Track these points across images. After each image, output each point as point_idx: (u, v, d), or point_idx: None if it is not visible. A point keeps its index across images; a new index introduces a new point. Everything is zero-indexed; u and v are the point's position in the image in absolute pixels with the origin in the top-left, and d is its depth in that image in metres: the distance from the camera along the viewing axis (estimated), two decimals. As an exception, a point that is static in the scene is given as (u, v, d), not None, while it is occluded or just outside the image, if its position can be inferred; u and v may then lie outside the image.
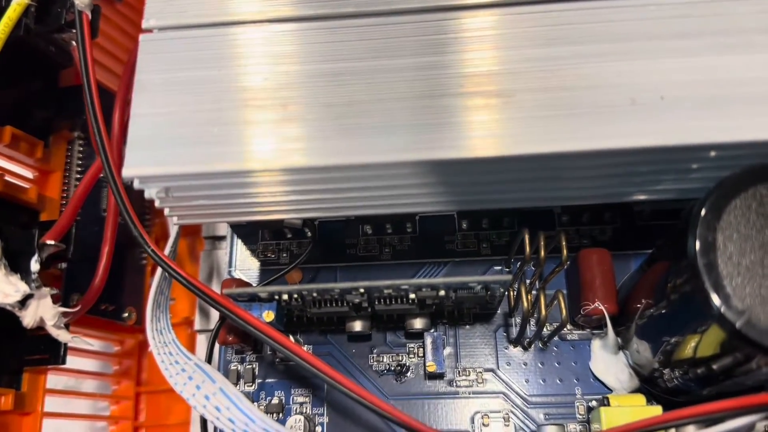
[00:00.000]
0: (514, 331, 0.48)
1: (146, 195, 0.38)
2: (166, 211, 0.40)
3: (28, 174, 0.53)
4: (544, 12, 0.37)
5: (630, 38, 0.36)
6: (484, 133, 0.35)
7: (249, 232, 0.53)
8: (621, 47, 0.36)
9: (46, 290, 0.41)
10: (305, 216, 0.42)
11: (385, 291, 0.42)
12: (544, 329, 0.46)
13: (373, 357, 0.49)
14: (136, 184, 0.37)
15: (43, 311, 0.41)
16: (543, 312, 0.42)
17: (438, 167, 0.36)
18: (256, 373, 0.49)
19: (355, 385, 0.38)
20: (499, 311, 0.49)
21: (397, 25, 0.38)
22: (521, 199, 0.40)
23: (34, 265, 0.41)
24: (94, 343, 0.55)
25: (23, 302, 0.40)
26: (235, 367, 0.49)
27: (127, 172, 0.36)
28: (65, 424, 0.53)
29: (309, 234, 0.51)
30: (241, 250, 0.53)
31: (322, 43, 0.38)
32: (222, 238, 0.57)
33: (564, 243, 0.41)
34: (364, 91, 0.37)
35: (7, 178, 0.49)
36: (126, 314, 0.56)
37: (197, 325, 0.55)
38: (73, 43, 0.48)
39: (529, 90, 0.36)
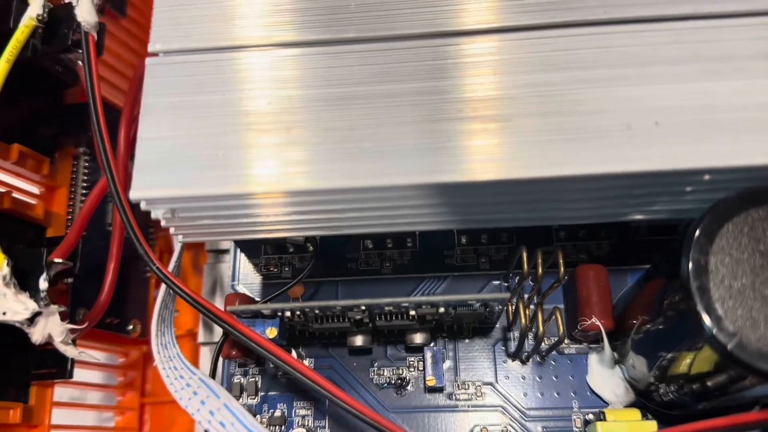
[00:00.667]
0: (513, 345, 0.49)
1: (153, 215, 0.39)
2: (172, 230, 0.41)
3: (35, 190, 0.53)
4: (541, 38, 0.38)
5: (625, 64, 0.37)
6: (483, 157, 0.36)
7: (252, 247, 0.54)
8: (616, 73, 0.37)
9: (54, 308, 0.42)
10: (307, 234, 0.43)
11: (386, 308, 0.42)
12: (542, 344, 0.47)
13: (373, 370, 0.50)
14: (143, 206, 0.38)
15: (51, 328, 0.42)
16: (541, 327, 0.43)
17: (438, 190, 0.37)
18: (259, 386, 0.50)
19: (355, 401, 0.39)
20: (497, 325, 0.50)
21: (398, 51, 0.39)
22: (519, 219, 0.41)
23: (43, 284, 0.42)
24: (99, 356, 0.56)
25: (32, 319, 0.41)
26: (238, 380, 0.50)
27: (134, 194, 0.37)
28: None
29: (311, 249, 0.51)
30: (244, 263, 0.54)
31: (324, 68, 0.39)
32: (225, 251, 0.57)
33: (561, 260, 0.42)
34: (366, 116, 0.37)
35: (15, 194, 0.50)
36: (131, 327, 0.56)
37: (201, 338, 0.55)
38: (79, 62, 0.49)
39: (527, 115, 0.37)
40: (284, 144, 0.37)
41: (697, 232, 0.34)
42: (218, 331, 0.56)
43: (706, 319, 0.32)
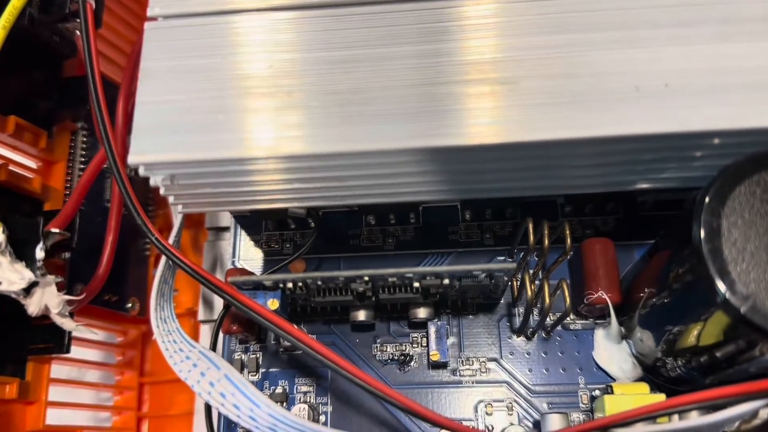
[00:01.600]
0: (518, 321, 0.48)
1: (151, 182, 0.38)
2: (171, 199, 0.41)
3: (32, 164, 0.53)
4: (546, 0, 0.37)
5: (634, 26, 0.36)
6: (487, 120, 0.35)
7: (252, 223, 0.53)
8: (626, 35, 0.36)
9: (50, 278, 0.41)
10: (309, 204, 0.42)
11: (390, 279, 0.42)
12: (548, 319, 0.46)
13: (376, 347, 0.49)
14: (142, 171, 0.37)
15: (47, 299, 0.41)
16: (547, 301, 0.42)
17: (441, 154, 0.36)
18: (260, 362, 0.49)
19: (360, 371, 0.38)
20: (502, 301, 0.49)
21: (400, 13, 0.38)
22: (524, 187, 0.40)
23: (39, 253, 0.41)
24: (98, 333, 0.55)
25: (28, 290, 0.40)
26: (239, 357, 0.49)
27: (132, 158, 0.36)
28: (69, 414, 0.53)
29: (312, 224, 0.51)
30: (244, 240, 0.53)
31: (325, 31, 0.38)
32: (225, 229, 0.57)
33: (568, 233, 0.41)
34: (367, 79, 0.37)
35: (11, 167, 0.49)
36: (129, 305, 0.56)
37: (201, 316, 0.55)
38: (77, 33, 0.49)
39: (534, 77, 0.36)
40: (284, 108, 0.37)
41: (709, 195, 0.33)
42: (218, 310, 0.55)
43: (720, 283, 0.32)
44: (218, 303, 0.55)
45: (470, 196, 0.42)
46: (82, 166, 0.53)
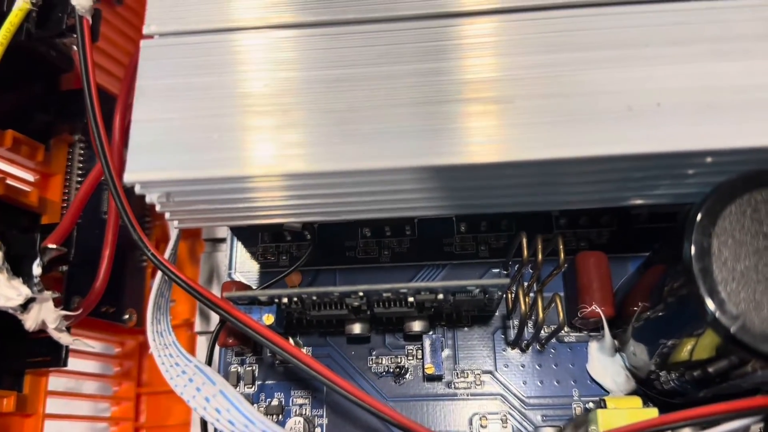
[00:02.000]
0: (512, 334, 0.48)
1: (147, 200, 0.39)
2: (167, 216, 0.41)
3: (29, 177, 0.53)
4: (544, 19, 0.38)
5: (627, 45, 0.37)
6: (484, 139, 0.35)
7: (249, 235, 0.53)
8: (618, 54, 0.36)
9: (47, 294, 0.41)
10: (305, 220, 0.42)
11: (384, 294, 0.42)
12: (542, 331, 0.46)
13: (372, 359, 0.49)
14: (138, 189, 0.38)
15: (45, 314, 0.41)
16: (541, 315, 0.43)
17: (437, 173, 0.36)
18: (256, 374, 0.49)
19: (354, 388, 0.39)
20: (497, 314, 0.49)
21: (397, 32, 0.38)
22: (520, 203, 0.41)
23: (36, 269, 0.42)
24: (95, 345, 0.55)
25: (25, 306, 0.41)
26: (235, 369, 0.50)
27: (128, 177, 0.37)
28: (66, 426, 0.53)
29: (308, 237, 0.51)
30: (241, 252, 0.54)
31: (322, 50, 0.38)
32: (222, 240, 0.57)
33: (562, 246, 0.42)
34: (364, 98, 0.37)
35: (9, 181, 0.50)
36: (126, 316, 0.56)
37: (197, 327, 0.55)
38: (74, 47, 0.49)
39: (528, 96, 0.36)
40: (281, 126, 0.37)
41: (700, 214, 0.33)
42: (215, 321, 0.55)
43: (709, 302, 0.32)
44: (214, 315, 0.55)
45: (466, 211, 0.42)
46: (80, 179, 0.54)
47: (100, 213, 0.55)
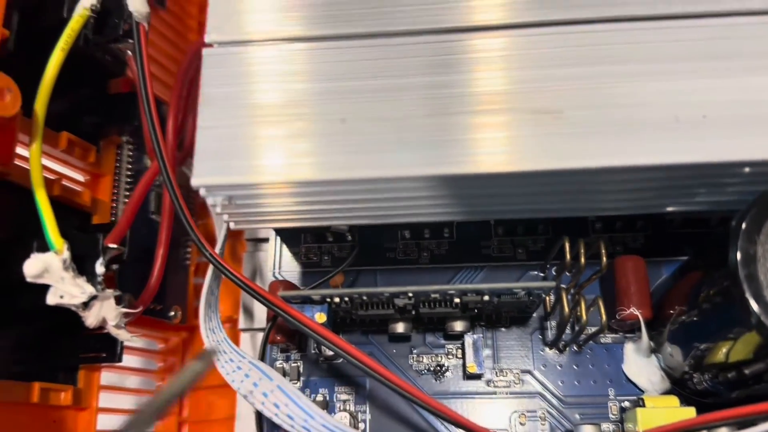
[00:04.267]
0: (549, 334, 0.50)
1: (209, 202, 0.40)
2: (225, 217, 0.42)
3: (81, 178, 0.55)
4: (591, 32, 0.39)
5: (674, 58, 0.38)
6: (536, 149, 0.37)
7: (291, 235, 0.55)
8: (666, 67, 0.38)
9: (109, 292, 0.43)
10: (354, 223, 0.44)
11: (432, 295, 0.43)
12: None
13: (413, 357, 0.51)
14: (203, 193, 0.39)
15: (106, 312, 0.43)
16: (584, 317, 0.44)
17: (476, 181, 0.38)
18: (301, 371, 0.51)
19: (404, 382, 0.40)
20: (534, 315, 0.51)
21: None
22: (558, 210, 0.42)
23: (99, 268, 0.43)
24: (141, 342, 0.57)
25: (87, 303, 0.42)
26: (280, 365, 0.51)
27: (195, 181, 0.38)
28: (115, 419, 0.55)
29: (350, 238, 0.52)
30: (284, 252, 0.55)
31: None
32: (264, 240, 0.58)
33: (603, 251, 0.43)
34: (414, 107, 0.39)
35: (64, 182, 0.51)
36: (172, 313, 0.57)
37: (241, 324, 0.57)
38: (128, 52, 0.50)
39: (577, 107, 0.38)
40: (334, 134, 0.38)
41: (745, 223, 0.35)
42: (258, 318, 0.57)
43: (755, 306, 0.34)
44: (257, 312, 0.57)
45: (504, 216, 0.44)
46: (128, 179, 0.55)
47: (147, 213, 0.56)
